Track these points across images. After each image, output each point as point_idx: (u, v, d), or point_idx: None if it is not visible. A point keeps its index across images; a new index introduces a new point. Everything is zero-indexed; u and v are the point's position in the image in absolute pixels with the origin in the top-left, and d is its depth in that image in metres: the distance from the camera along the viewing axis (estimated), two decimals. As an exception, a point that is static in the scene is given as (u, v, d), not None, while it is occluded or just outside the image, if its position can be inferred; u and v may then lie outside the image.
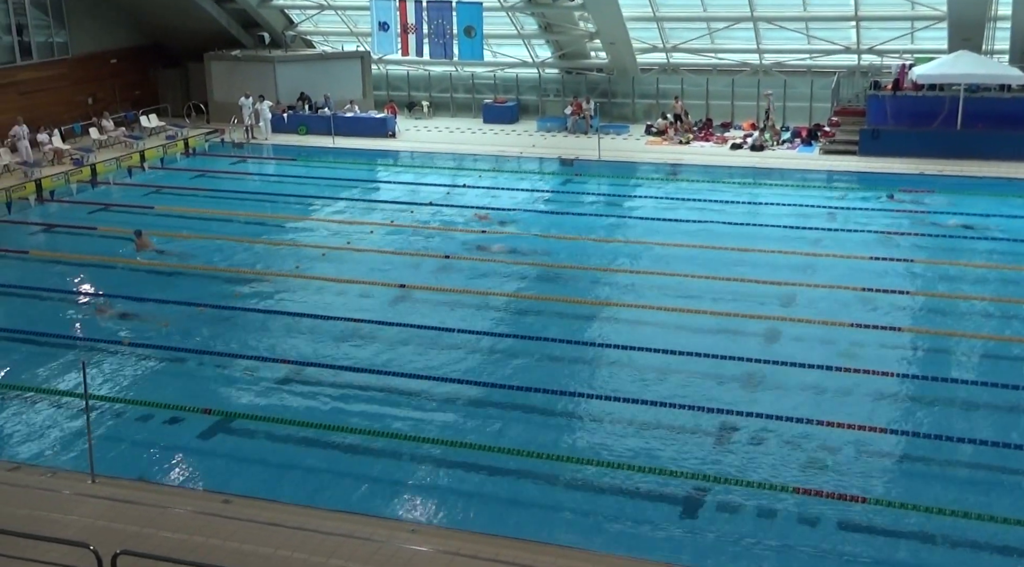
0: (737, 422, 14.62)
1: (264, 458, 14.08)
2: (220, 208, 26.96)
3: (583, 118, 35.19)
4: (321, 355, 17.31)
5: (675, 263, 21.68)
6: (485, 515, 12.54)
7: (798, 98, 34.37)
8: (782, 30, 33.42)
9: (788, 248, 22.38)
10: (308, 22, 38.48)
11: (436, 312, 19.26)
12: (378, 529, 11.64)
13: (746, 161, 31.00)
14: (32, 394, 15.91)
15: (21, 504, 12.03)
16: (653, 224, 24.89)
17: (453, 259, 22.26)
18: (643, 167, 31.17)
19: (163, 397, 15.68)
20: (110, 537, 10.92)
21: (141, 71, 37.91)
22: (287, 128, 35.80)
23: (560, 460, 13.64)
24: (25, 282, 21.17)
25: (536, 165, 31.87)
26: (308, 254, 22.97)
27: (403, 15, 34.16)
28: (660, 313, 18.84)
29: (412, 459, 13.89)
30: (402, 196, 28.20)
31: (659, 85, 36.09)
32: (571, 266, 21.93)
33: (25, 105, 32.02)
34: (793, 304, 19.31)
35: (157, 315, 19.18)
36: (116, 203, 28.06)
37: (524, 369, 16.81)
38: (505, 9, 34.10)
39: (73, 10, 34.34)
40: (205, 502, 12.27)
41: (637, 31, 34.33)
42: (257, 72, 36.86)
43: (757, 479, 13.05)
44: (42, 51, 33.58)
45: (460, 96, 38.83)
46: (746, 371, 16.36)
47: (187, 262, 22.45)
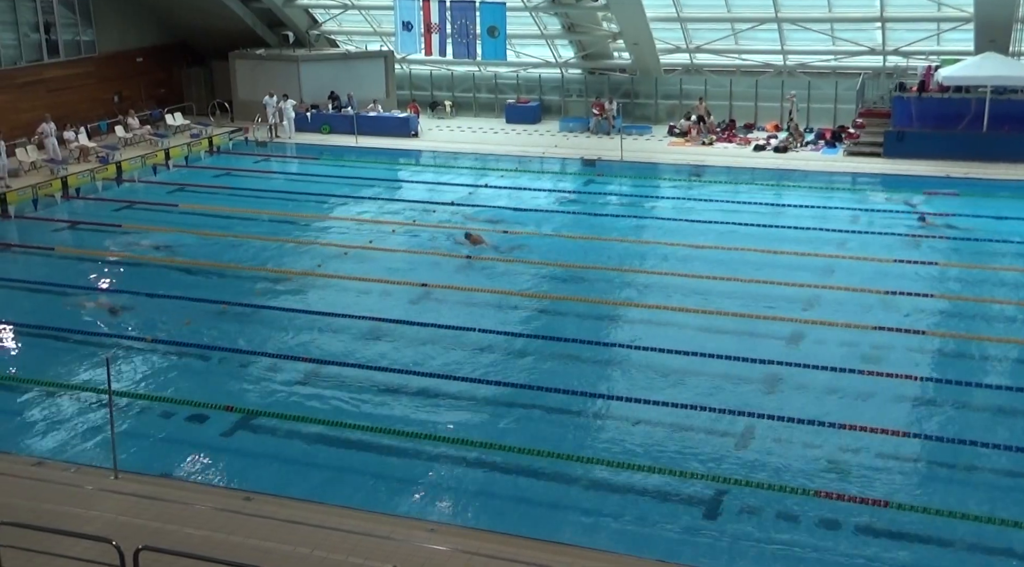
0: (758, 424, 14.57)
1: (284, 456, 14.15)
2: (243, 206, 27.10)
3: (606, 118, 35.14)
4: (342, 353, 17.37)
5: (697, 264, 21.61)
6: (504, 515, 12.55)
7: (822, 99, 34.17)
8: (807, 31, 33.24)
9: (811, 250, 22.26)
10: (332, 21, 38.61)
11: (457, 311, 19.29)
12: (397, 528, 11.67)
13: (769, 162, 30.85)
14: (57, 390, 16.06)
15: (45, 499, 12.14)
16: (675, 225, 24.82)
17: (474, 259, 22.28)
18: (665, 168, 31.08)
19: (185, 394, 15.79)
20: (132, 533, 11.00)
21: (167, 69, 38.16)
22: (310, 127, 35.94)
23: (580, 461, 13.63)
24: (51, 278, 21.35)
25: (558, 165, 31.85)
26: (330, 253, 23.05)
27: (427, 15, 34.21)
28: (682, 314, 18.80)
29: (432, 458, 13.92)
30: (424, 196, 28.25)
31: (682, 86, 35.98)
32: (592, 266, 21.91)
33: (52, 103, 32.28)
34: (816, 306, 19.21)
35: (180, 312, 19.30)
36: (141, 200, 28.25)
37: (545, 369, 16.80)
38: (528, 9, 34.09)
39: (100, 8, 34.61)
40: (226, 499, 12.34)
41: (660, 31, 34.24)
42: (281, 71, 37.02)
43: (778, 482, 12.99)
44: (69, 49, 33.86)
45: (483, 96, 38.85)
46: (768, 373, 16.29)
47: (210, 260, 22.57)
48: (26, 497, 12.18)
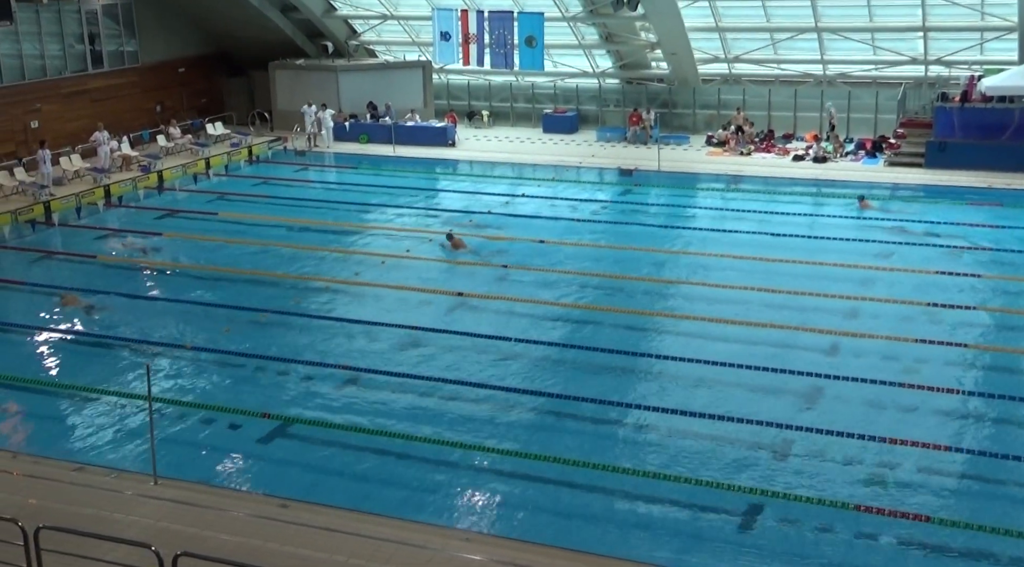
0: (796, 437, 14.43)
1: (321, 463, 14.22)
2: (282, 215, 27.31)
3: (643, 128, 35.05)
4: (379, 362, 17.42)
5: (735, 275, 21.47)
6: (539, 525, 12.51)
7: (863, 109, 33.85)
8: (847, 40, 32.96)
9: (851, 261, 22.05)
10: (371, 32, 38.87)
11: (493, 321, 19.30)
12: (432, 536, 11.67)
13: (808, 173, 30.61)
14: (97, 396, 16.24)
15: (86, 504, 12.28)
16: (713, 235, 24.68)
17: (511, 269, 22.28)
18: (703, 178, 30.92)
19: (223, 401, 15.91)
20: (171, 539, 11.09)
21: (208, 79, 38.61)
22: (348, 137, 36.17)
23: (615, 471, 13.57)
24: (92, 286, 21.62)
25: (595, 175, 31.81)
26: (368, 261, 23.16)
27: (465, 25, 34.34)
28: (720, 325, 18.68)
29: (468, 467, 13.92)
30: (461, 205, 28.31)
31: (720, 95, 35.81)
32: (629, 277, 21.83)
33: (96, 112, 32.76)
34: (856, 318, 19.01)
35: (219, 320, 19.47)
36: (181, 209, 28.58)
37: (581, 379, 16.76)
38: (566, 19, 34.11)
39: (144, 20, 35.11)
40: (263, 506, 12.41)
41: (699, 41, 34.12)
42: (320, 81, 37.33)
43: (816, 495, 12.85)
44: (113, 60, 34.37)
45: (520, 106, 38.90)
46: (807, 385, 16.14)
47: (248, 268, 22.76)
48: (67, 502, 12.33)
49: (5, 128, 30.32)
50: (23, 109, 30.92)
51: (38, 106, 31.39)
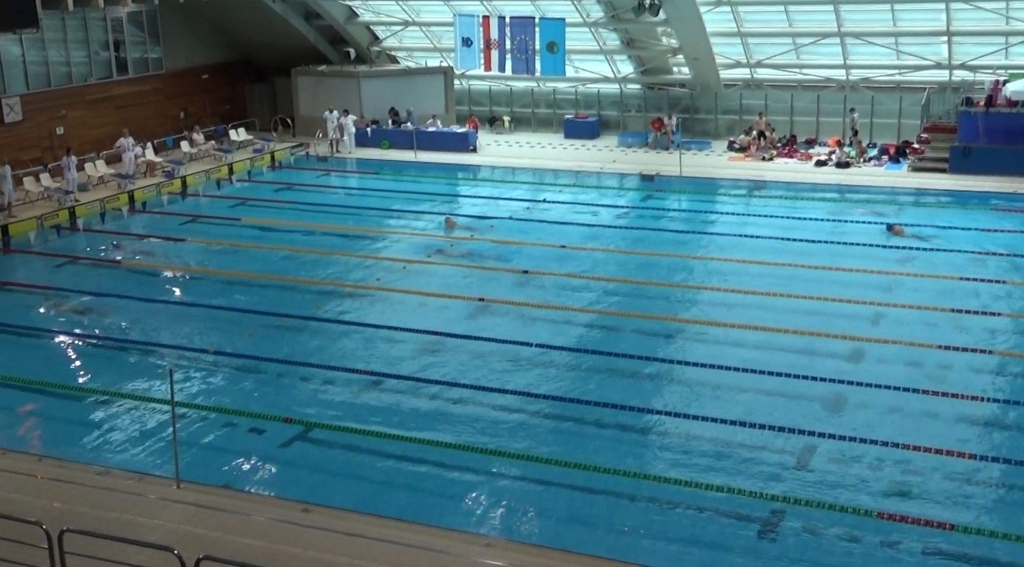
0: (819, 443, 14.35)
1: (342, 468, 14.27)
2: (304, 220, 27.44)
3: (665, 134, 35.00)
4: (400, 367, 17.47)
5: (757, 280, 21.39)
6: (560, 530, 12.50)
7: (886, 114, 33.66)
8: (870, 45, 32.81)
9: (875, 267, 21.93)
10: (393, 38, 39.01)
11: (515, 326, 19.30)
12: (454, 542, 11.69)
13: (831, 178, 30.46)
14: (121, 400, 16.36)
15: (109, 507, 12.37)
16: (734, 241, 24.61)
17: (532, 274, 22.29)
18: (725, 183, 30.84)
19: (246, 406, 16.00)
20: (194, 543, 11.15)
21: (231, 86, 38.85)
22: (370, 142, 36.30)
23: (637, 477, 13.55)
24: (116, 290, 21.78)
25: (617, 181, 31.78)
26: (389, 267, 23.22)
27: (486, 31, 34.42)
28: (741, 331, 18.61)
29: (489, 472, 13.93)
30: (482, 210, 28.35)
31: (742, 101, 35.70)
32: (650, 282, 21.79)
33: (120, 119, 33.02)
34: (879, 324, 18.90)
35: (241, 325, 19.57)
36: (205, 214, 28.76)
37: (602, 385, 16.74)
38: (588, 25, 34.12)
39: (168, 27, 35.37)
40: (285, 510, 12.46)
41: (721, 46, 34.04)
42: (342, 87, 37.49)
43: (839, 502, 12.78)
44: (137, 66, 34.64)
45: (541, 111, 38.92)
46: (829, 391, 16.06)
47: (270, 273, 22.88)
48: (91, 505, 12.42)
49: (31, 134, 30.61)
50: (49, 115, 31.20)
51: (64, 112, 31.68)
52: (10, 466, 13.59)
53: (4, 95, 29.70)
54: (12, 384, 17.04)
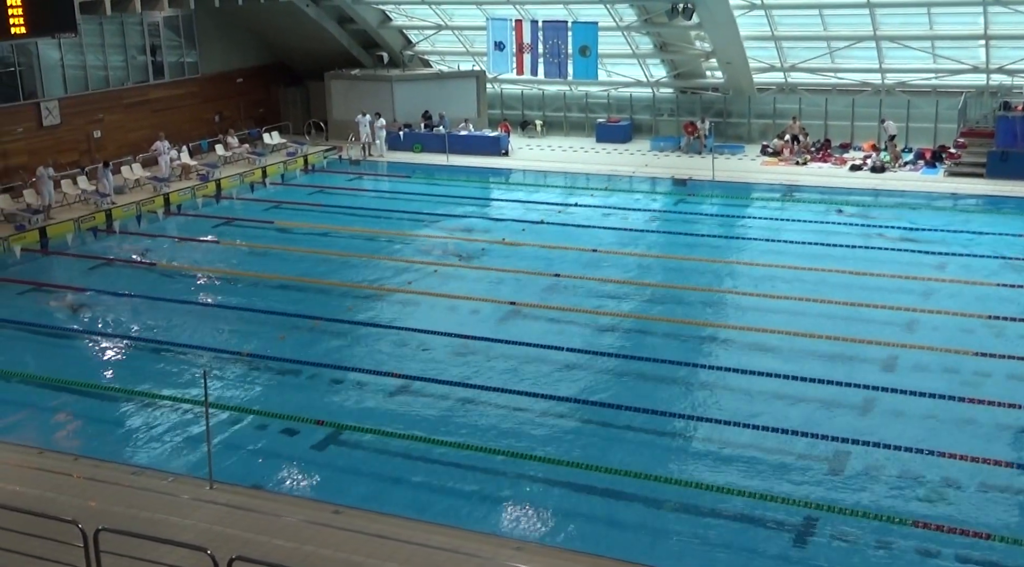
0: (853, 450, 14.22)
1: (373, 470, 14.31)
2: (336, 223, 27.57)
3: (697, 138, 34.85)
4: (431, 370, 17.50)
5: (790, 286, 21.26)
6: (590, 535, 12.47)
7: (922, 119, 33.32)
8: (906, 49, 32.50)
9: (910, 272, 21.71)
10: (426, 42, 39.15)
11: (545, 330, 19.28)
12: (484, 545, 11.68)
13: (866, 183, 30.21)
14: (156, 401, 16.51)
15: (144, 507, 12.49)
16: (767, 245, 24.45)
17: (563, 278, 22.26)
18: (758, 188, 30.66)
19: (278, 408, 16.09)
20: (226, 543, 11.23)
21: (265, 90, 39.14)
22: (403, 146, 36.43)
23: (668, 483, 13.48)
24: (151, 292, 22.01)
25: (649, 185, 31.69)
26: (420, 270, 23.28)
27: (519, 35, 34.43)
28: (774, 336, 18.49)
29: (519, 476, 13.91)
30: (514, 214, 28.37)
31: (776, 105, 35.49)
32: (682, 286, 21.70)
33: (157, 122, 33.38)
34: (914, 330, 18.70)
35: (274, 327, 19.70)
36: (238, 217, 28.99)
37: (634, 389, 16.69)
38: (620, 29, 34.07)
39: (204, 31, 35.70)
40: (316, 512, 12.51)
41: (754, 50, 33.85)
42: (375, 91, 37.67)
43: (873, 510, 12.65)
44: (174, 70, 34.99)
45: (573, 115, 38.89)
46: (863, 398, 15.91)
47: (302, 276, 23.01)
48: (125, 504, 12.54)
49: (69, 138, 30.99)
50: (86, 119, 31.58)
51: (101, 116, 32.05)
52: (47, 465, 13.76)
53: (43, 99, 30.10)
54: (49, 384, 17.26)
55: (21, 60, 29.40)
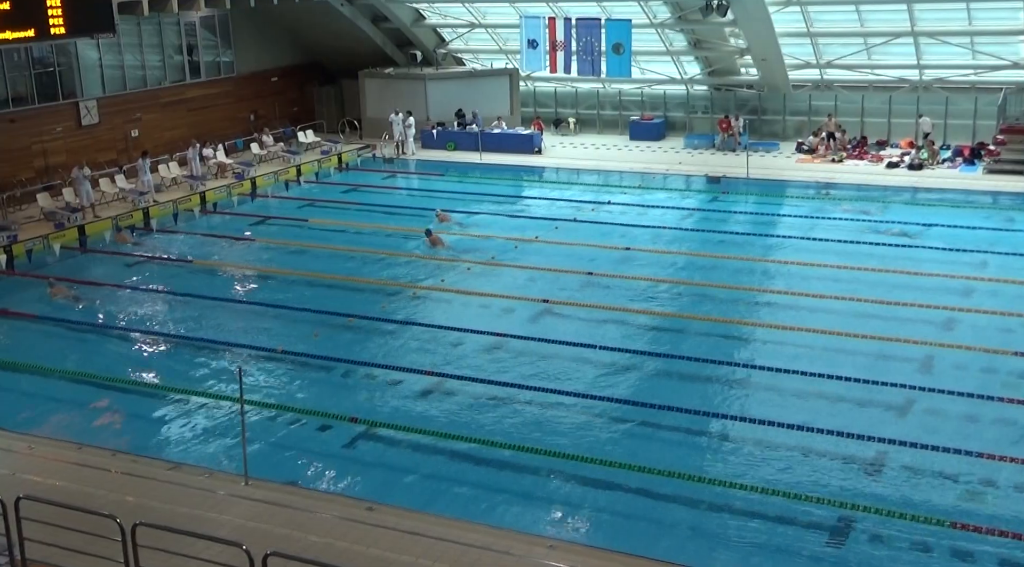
0: (889, 450, 14.08)
1: (406, 467, 14.35)
2: (370, 221, 27.68)
3: (731, 135, 34.65)
4: (464, 368, 17.53)
5: (825, 284, 21.07)
6: (623, 534, 12.44)
7: (961, 115, 32.91)
8: (945, 45, 32.10)
9: (948, 271, 21.45)
10: (459, 40, 39.20)
11: (578, 328, 19.26)
12: (517, 543, 11.68)
13: (903, 180, 29.89)
14: (191, 397, 16.67)
15: (180, 502, 12.60)
16: (802, 243, 24.26)
17: (596, 276, 22.22)
18: (793, 185, 30.41)
19: (312, 404, 16.19)
20: (261, 538, 11.31)
21: (299, 88, 39.38)
22: (436, 144, 36.51)
23: (700, 481, 13.42)
24: (187, 289, 22.22)
25: (682, 183, 31.54)
26: (453, 267, 23.33)
27: (552, 33, 34.40)
28: (809, 335, 18.34)
29: (552, 474, 13.90)
30: (547, 212, 28.34)
31: (811, 102, 35.21)
32: (717, 285, 21.58)
33: (193, 121, 33.71)
34: (952, 329, 18.48)
35: (308, 325, 19.81)
36: (273, 215, 29.19)
37: (666, 388, 16.62)
38: (654, 26, 33.93)
39: (239, 31, 35.98)
40: (350, 508, 12.57)
41: (790, 47, 33.58)
42: (409, 89, 37.78)
43: (910, 511, 12.51)
44: (210, 70, 35.29)
45: (607, 113, 38.79)
46: (900, 397, 15.74)
47: (336, 273, 23.13)
48: (162, 500, 12.67)
49: (107, 137, 31.36)
50: (124, 118, 31.93)
51: (138, 115, 32.39)
52: (85, 460, 13.93)
53: (82, 98, 30.48)
54: (86, 380, 17.48)
55: (60, 60, 29.78)
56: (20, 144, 28.80)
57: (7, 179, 28.01)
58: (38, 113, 29.23)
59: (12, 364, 18.18)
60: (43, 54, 29.19)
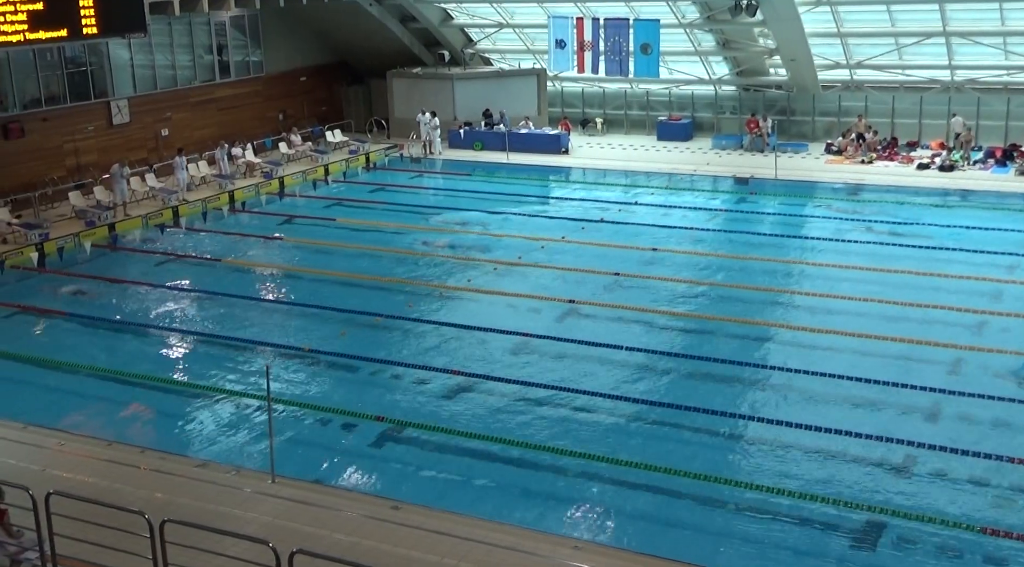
0: (918, 454, 13.96)
1: (432, 466, 14.38)
2: (397, 221, 27.75)
3: (760, 136, 34.46)
4: (490, 368, 17.54)
5: (854, 286, 20.92)
6: (648, 535, 12.41)
7: (993, 116, 32.56)
8: (977, 45, 31.78)
9: (978, 274, 21.24)
10: (486, 40, 39.22)
11: (605, 329, 19.22)
12: (542, 543, 11.68)
13: (934, 182, 29.61)
14: (219, 395, 16.79)
15: (208, 500, 12.70)
16: (831, 245, 24.10)
17: (622, 276, 22.17)
18: (822, 186, 30.22)
19: (339, 403, 16.26)
20: (287, 536, 11.36)
21: (328, 88, 39.55)
22: (463, 144, 36.55)
23: (729, 484, 13.36)
24: (216, 287, 22.37)
25: (710, 183, 31.41)
26: (480, 268, 23.34)
27: (580, 33, 34.35)
28: (837, 337, 18.22)
29: (578, 475, 13.89)
30: (573, 212, 28.30)
31: (841, 102, 34.94)
32: (744, 286, 21.48)
33: (222, 121, 33.92)
34: (982, 332, 18.29)
35: (335, 323, 19.89)
36: (301, 214, 29.32)
37: (693, 389, 16.56)
38: (683, 26, 33.79)
39: (269, 31, 36.17)
40: (375, 507, 12.61)
41: (819, 47, 33.35)
42: (436, 89, 37.85)
43: (940, 515, 12.41)
44: (239, 70, 35.50)
45: (634, 113, 38.68)
46: (929, 401, 15.61)
47: (363, 273, 23.21)
48: (190, 497, 12.77)
49: (138, 136, 31.61)
50: (155, 118, 32.19)
51: (169, 115, 32.65)
52: (115, 457, 14.06)
53: (113, 98, 30.74)
54: (115, 377, 17.63)
55: (92, 60, 30.06)
56: (52, 143, 29.10)
57: (40, 177, 28.31)
58: (70, 112, 29.52)
59: (43, 361, 18.38)
60: (75, 54, 29.47)
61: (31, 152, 28.35)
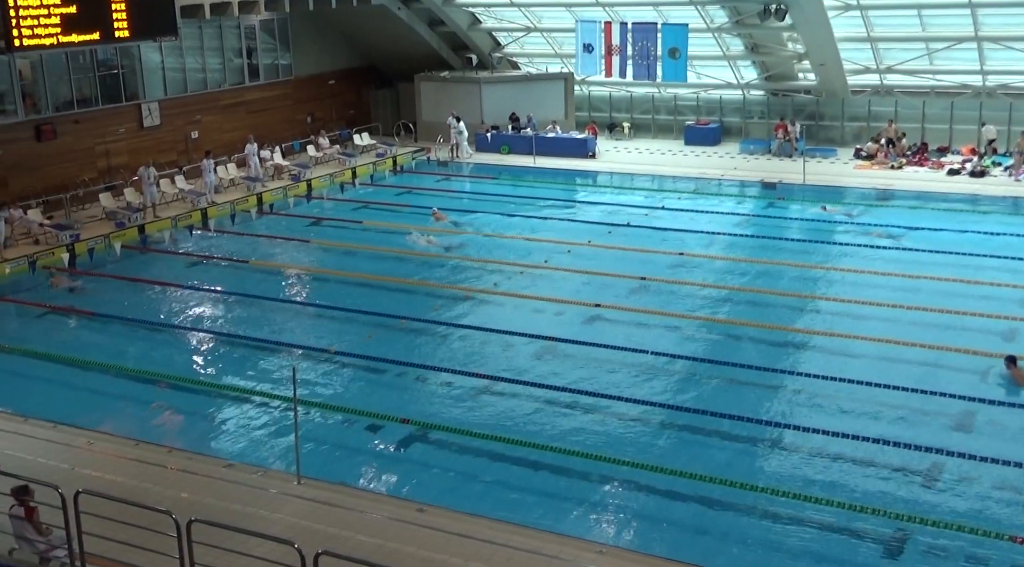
0: (947, 462, 13.83)
1: (457, 469, 14.40)
2: (424, 224, 27.81)
3: (788, 141, 34.28)
4: (515, 371, 17.54)
5: (883, 292, 20.76)
6: (673, 541, 12.37)
7: (1025, 122, 32.29)
8: (1009, 50, 31.46)
9: (1009, 280, 21.01)
10: (514, 44, 39.27)
11: (630, 333, 19.17)
12: (566, 547, 11.66)
13: (964, 188, 29.34)
14: (246, 396, 16.89)
15: (233, 500, 12.78)
16: (859, 250, 23.95)
17: (649, 280, 22.11)
18: (850, 192, 30.01)
19: (364, 405, 16.29)
20: (312, 537, 11.43)
21: (356, 91, 39.74)
22: (490, 147, 36.60)
23: (753, 490, 13.29)
24: (243, 289, 22.51)
25: (737, 188, 31.28)
26: (506, 271, 23.35)
27: (608, 37, 34.32)
28: (866, 343, 18.08)
29: (602, 479, 13.86)
30: (600, 216, 28.26)
31: (870, 107, 34.71)
32: (771, 291, 21.37)
33: (251, 123, 34.15)
34: (1013, 339, 18.09)
35: (362, 326, 19.96)
36: (328, 217, 29.46)
37: (719, 394, 16.49)
38: (711, 30, 33.69)
39: (298, 35, 36.41)
40: (400, 509, 12.64)
41: (849, 52, 33.15)
42: (464, 92, 37.93)
43: (968, 523, 12.27)
44: (268, 73, 35.75)
45: (662, 117, 38.60)
46: (958, 408, 15.46)
47: (390, 275, 23.28)
48: (217, 497, 12.85)
49: (168, 138, 31.89)
50: (185, 120, 32.46)
51: (198, 117, 32.91)
52: (143, 457, 14.18)
53: (144, 100, 31.03)
54: (144, 377, 17.77)
55: (124, 63, 30.35)
56: (84, 145, 29.41)
57: (71, 179, 28.61)
58: (102, 114, 29.82)
59: (73, 360, 18.56)
60: (107, 57, 29.78)
61: (63, 154, 28.66)
